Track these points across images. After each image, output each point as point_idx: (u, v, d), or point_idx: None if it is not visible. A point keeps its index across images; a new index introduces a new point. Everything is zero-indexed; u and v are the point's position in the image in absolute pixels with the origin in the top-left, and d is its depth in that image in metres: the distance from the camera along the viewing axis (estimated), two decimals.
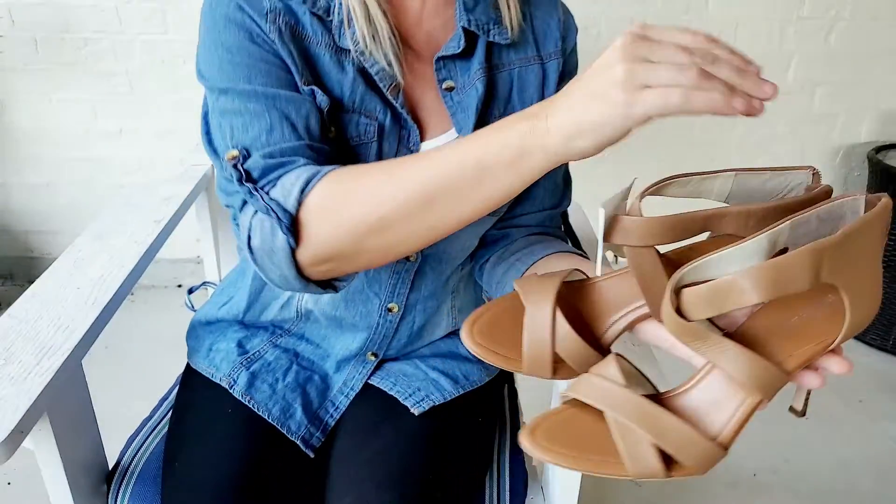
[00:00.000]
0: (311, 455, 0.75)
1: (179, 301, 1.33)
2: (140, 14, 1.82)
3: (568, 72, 0.74)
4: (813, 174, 0.55)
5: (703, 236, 0.53)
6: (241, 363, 0.79)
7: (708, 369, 0.48)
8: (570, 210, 0.89)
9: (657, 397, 0.48)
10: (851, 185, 2.13)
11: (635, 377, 0.49)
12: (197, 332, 0.87)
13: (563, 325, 0.52)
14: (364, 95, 0.64)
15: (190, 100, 1.91)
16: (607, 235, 0.49)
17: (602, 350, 0.55)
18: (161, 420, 0.87)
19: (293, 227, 0.56)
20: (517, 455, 0.85)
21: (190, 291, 1.10)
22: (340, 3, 0.62)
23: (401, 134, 0.66)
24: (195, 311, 0.95)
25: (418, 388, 0.78)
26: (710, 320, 0.50)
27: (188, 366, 0.86)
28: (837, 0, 1.88)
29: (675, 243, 0.51)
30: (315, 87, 0.62)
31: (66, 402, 0.71)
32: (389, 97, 0.64)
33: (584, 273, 0.59)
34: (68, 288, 0.80)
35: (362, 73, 0.64)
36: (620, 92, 0.43)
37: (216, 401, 0.77)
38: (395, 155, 0.66)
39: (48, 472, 0.71)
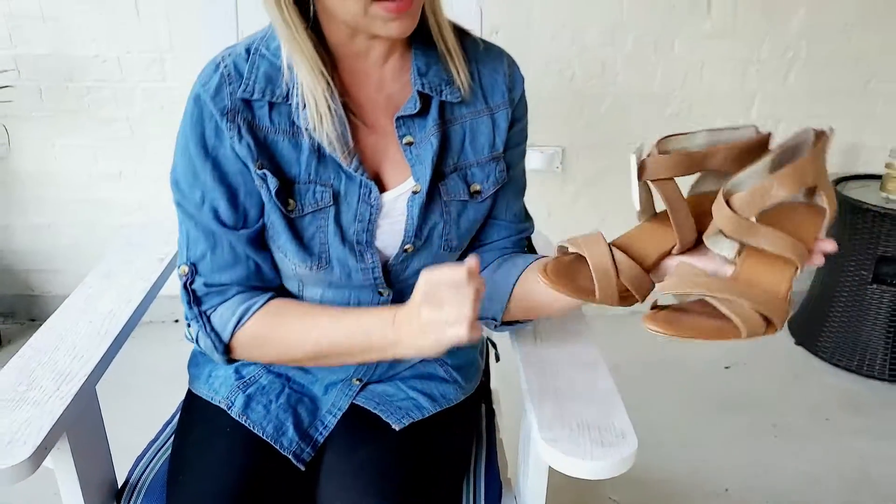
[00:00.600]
0: (302, 468, 0.82)
1: (176, 335, 1.40)
2: (141, 63, 1.93)
3: (517, 118, 0.84)
4: (755, 129, 0.72)
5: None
6: (238, 387, 0.87)
7: (744, 257, 0.65)
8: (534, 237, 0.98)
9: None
10: None
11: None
12: (197, 360, 0.95)
13: (622, 257, 0.68)
14: (318, 167, 0.74)
15: None
16: (641, 173, 0.66)
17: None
18: (165, 442, 0.94)
19: (227, 349, 0.78)
20: (492, 466, 0.93)
21: (189, 324, 1.18)
22: (297, 87, 0.71)
23: (360, 193, 0.76)
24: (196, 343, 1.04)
25: (399, 407, 0.86)
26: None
27: (189, 391, 0.94)
28: (794, 42, 2.01)
29: (688, 175, 0.70)
30: (267, 172, 0.72)
31: (82, 423, 0.79)
32: (343, 164, 0.74)
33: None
34: (81, 322, 0.89)
35: (316, 149, 0.74)
36: (430, 332, 0.64)
37: (215, 421, 0.85)
38: (356, 213, 0.76)
39: (66, 488, 0.79)
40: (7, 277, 2.16)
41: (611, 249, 0.69)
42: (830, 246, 0.66)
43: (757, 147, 0.69)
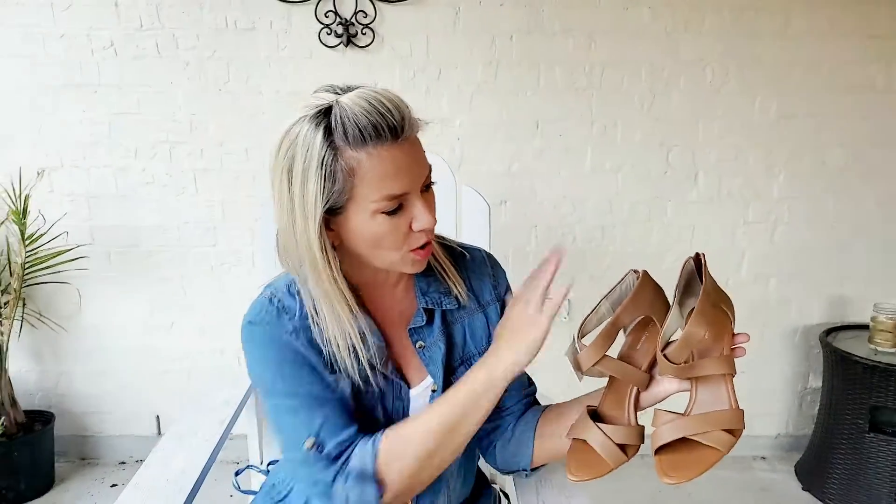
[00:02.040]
0: None
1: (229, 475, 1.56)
2: (196, 231, 2.22)
3: (506, 305, 1.01)
4: (635, 272, 0.90)
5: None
6: None
7: (695, 385, 0.83)
8: None
9: (689, 415, 0.82)
10: (813, 360, 2.39)
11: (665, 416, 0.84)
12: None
13: (611, 429, 0.85)
14: (366, 373, 0.88)
15: (231, 299, 2.26)
16: (580, 368, 0.84)
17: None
18: None
19: (376, 477, 0.83)
20: None
21: (236, 474, 1.35)
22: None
23: (393, 390, 0.93)
24: (241, 491, 1.20)
25: None
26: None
27: None
28: (776, 206, 2.26)
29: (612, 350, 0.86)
30: (337, 376, 0.87)
31: None
32: (382, 370, 0.91)
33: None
34: (160, 479, 1.07)
35: (358, 358, 0.88)
36: (517, 342, 0.82)
37: None
38: (392, 405, 0.93)
39: None
40: (64, 419, 2.35)
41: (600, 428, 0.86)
42: (743, 338, 0.84)
43: (640, 285, 0.88)
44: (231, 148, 2.16)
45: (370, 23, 2.07)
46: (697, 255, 0.88)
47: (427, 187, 0.84)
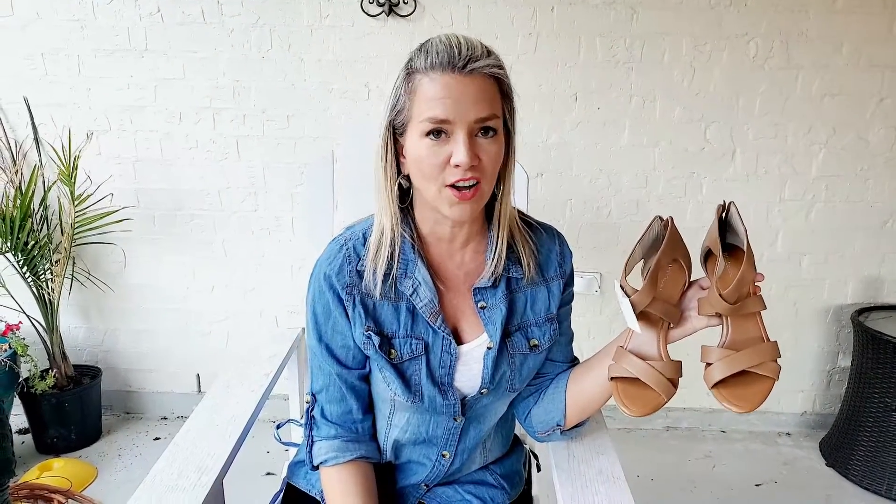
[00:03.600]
0: None
1: (267, 433, 1.63)
2: (238, 196, 2.28)
3: (567, 284, 1.06)
4: (660, 219, 0.97)
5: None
6: None
7: (727, 321, 0.88)
8: None
9: (739, 350, 0.86)
10: (843, 340, 2.39)
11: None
12: (296, 459, 1.17)
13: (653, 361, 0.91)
14: (413, 325, 0.97)
15: (271, 263, 2.32)
16: (636, 310, 0.88)
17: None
18: None
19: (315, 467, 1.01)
20: None
21: (278, 427, 1.41)
22: (398, 263, 0.97)
23: (443, 344, 0.98)
24: (282, 443, 1.27)
25: None
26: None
27: (288, 484, 1.15)
28: (813, 185, 2.24)
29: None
30: (372, 333, 0.95)
31: None
32: (430, 323, 0.97)
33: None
34: (210, 426, 1.13)
35: (411, 310, 0.97)
36: None
37: None
38: (440, 360, 0.98)
39: None
40: (110, 375, 2.46)
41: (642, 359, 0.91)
42: (760, 277, 0.88)
43: (674, 231, 0.94)
44: (273, 115, 2.20)
45: None
46: (730, 204, 0.93)
47: (486, 133, 0.86)
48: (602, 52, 2.13)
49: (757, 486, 2.13)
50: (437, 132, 0.85)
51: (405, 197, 0.96)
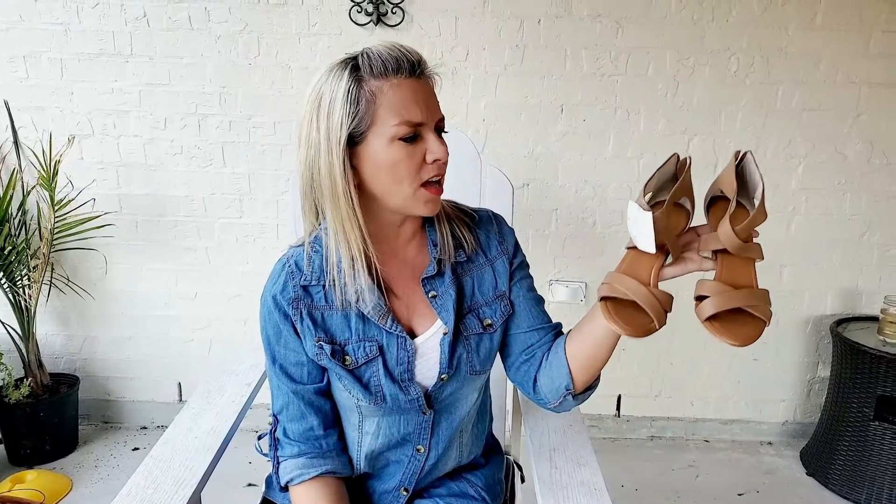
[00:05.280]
0: None
1: (249, 443, 1.61)
2: (223, 202, 2.27)
3: (513, 259, 1.05)
4: (677, 156, 0.96)
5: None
6: None
7: (723, 263, 0.86)
8: None
9: (738, 288, 0.85)
10: (823, 351, 2.41)
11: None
12: (272, 473, 1.16)
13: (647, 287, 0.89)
14: (364, 328, 0.98)
15: (255, 270, 2.31)
16: (653, 229, 0.85)
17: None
18: None
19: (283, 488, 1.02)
20: None
21: (259, 437, 1.40)
22: (342, 273, 0.96)
23: (397, 342, 0.99)
24: (263, 454, 1.26)
25: None
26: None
27: (264, 498, 1.14)
28: (793, 198, 2.27)
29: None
30: (323, 343, 0.95)
31: None
32: (379, 325, 0.97)
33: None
34: (188, 437, 1.12)
35: (361, 315, 0.98)
36: None
37: None
38: (397, 358, 0.98)
39: None
40: (88, 383, 2.43)
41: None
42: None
43: (682, 166, 0.95)
44: (259, 122, 2.20)
45: (400, 2, 2.09)
46: (746, 153, 0.94)
47: (440, 133, 0.91)
48: (588, 65, 2.15)
49: (739, 495, 2.14)
50: (413, 135, 0.88)
51: None
